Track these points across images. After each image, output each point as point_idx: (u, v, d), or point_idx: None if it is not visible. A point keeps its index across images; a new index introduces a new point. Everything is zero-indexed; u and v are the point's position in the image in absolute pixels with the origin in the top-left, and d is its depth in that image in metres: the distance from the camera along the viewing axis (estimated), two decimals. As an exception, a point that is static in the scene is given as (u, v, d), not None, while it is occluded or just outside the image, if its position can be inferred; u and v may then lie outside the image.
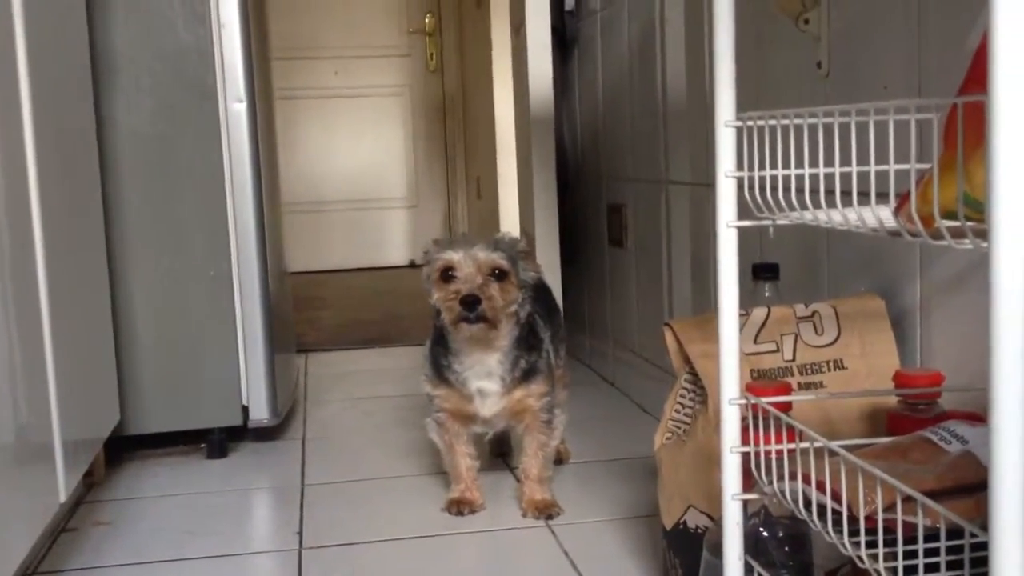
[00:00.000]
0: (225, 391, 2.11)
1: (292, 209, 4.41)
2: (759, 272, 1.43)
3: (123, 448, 2.10)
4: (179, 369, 2.10)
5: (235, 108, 2.06)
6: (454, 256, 1.58)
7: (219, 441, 2.11)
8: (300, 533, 1.67)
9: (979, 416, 1.02)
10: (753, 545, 1.08)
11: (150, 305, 2.08)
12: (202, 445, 2.13)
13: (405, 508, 1.76)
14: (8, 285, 1.31)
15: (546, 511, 1.68)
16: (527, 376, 1.67)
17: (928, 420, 1.07)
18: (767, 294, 1.42)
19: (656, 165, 2.22)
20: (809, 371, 1.27)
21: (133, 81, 2.04)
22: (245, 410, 2.12)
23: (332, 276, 5.06)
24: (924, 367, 1.25)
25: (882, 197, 0.88)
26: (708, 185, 1.95)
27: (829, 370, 1.27)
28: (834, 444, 0.90)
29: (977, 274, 1.17)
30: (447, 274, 1.59)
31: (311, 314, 3.93)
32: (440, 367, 1.69)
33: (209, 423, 2.11)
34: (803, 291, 1.51)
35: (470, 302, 1.55)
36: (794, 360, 1.28)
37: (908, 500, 0.85)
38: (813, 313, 1.30)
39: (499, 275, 1.59)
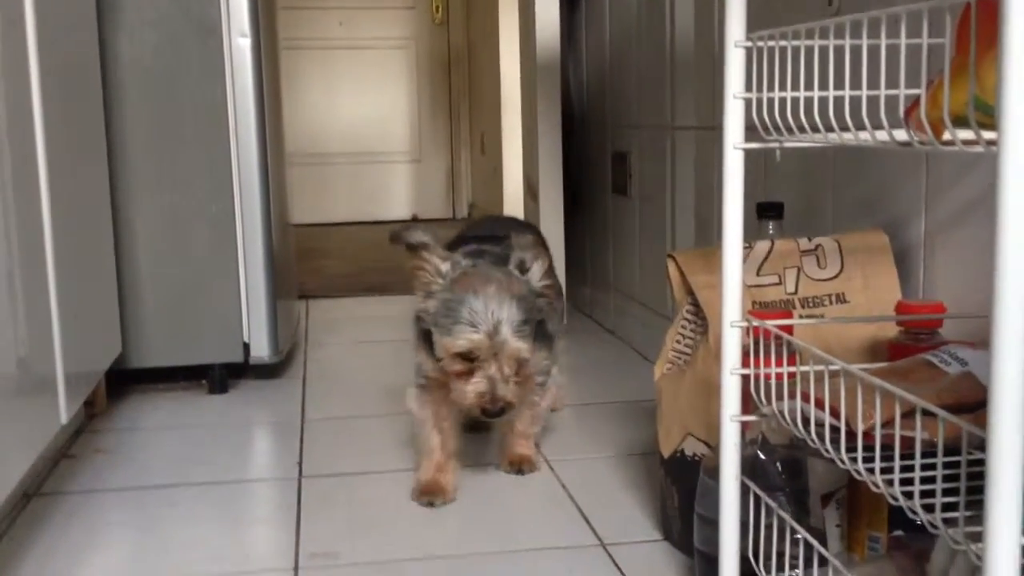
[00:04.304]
0: (226, 327, 2.11)
1: (295, 161, 4.39)
2: (763, 211, 1.43)
3: (125, 382, 2.11)
4: (181, 305, 2.10)
5: (239, 43, 2.05)
6: (475, 338, 1.37)
7: (220, 377, 2.12)
8: (300, 463, 1.68)
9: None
10: (750, 470, 1.09)
11: (153, 240, 2.08)
12: (203, 381, 2.14)
13: (405, 443, 1.77)
14: (12, 217, 1.31)
15: (518, 465, 1.61)
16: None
17: (929, 349, 1.07)
18: (771, 232, 1.42)
19: (662, 111, 2.21)
20: (811, 304, 1.27)
21: (137, 13, 2.02)
22: (246, 347, 2.13)
23: (335, 229, 5.05)
24: (926, 298, 1.25)
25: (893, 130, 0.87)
26: (714, 128, 1.95)
27: (831, 303, 1.27)
28: (835, 360, 0.90)
29: (981, 208, 1.17)
30: (466, 355, 1.39)
31: (314, 263, 3.94)
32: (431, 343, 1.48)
33: (210, 359, 2.11)
34: (807, 231, 1.51)
35: (495, 413, 1.40)
36: (796, 293, 1.28)
37: (907, 416, 0.85)
38: (816, 247, 1.30)
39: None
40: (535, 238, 1.52)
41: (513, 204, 4.08)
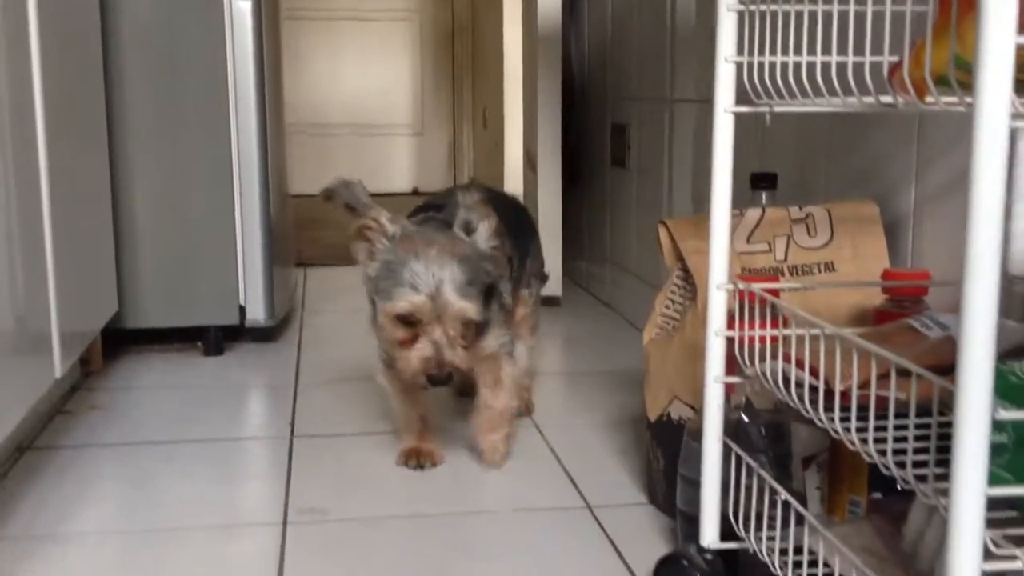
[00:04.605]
0: (223, 290, 2.13)
1: (297, 131, 4.38)
2: (757, 181, 1.43)
3: (122, 342, 2.12)
4: (178, 267, 2.11)
5: (240, 6, 2.05)
6: (416, 300, 1.30)
7: (216, 339, 2.13)
8: (292, 424, 1.70)
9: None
10: (733, 433, 1.10)
11: (151, 203, 2.09)
12: (199, 343, 2.16)
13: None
14: (11, 178, 1.32)
15: (491, 453, 1.51)
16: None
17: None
18: (764, 202, 1.42)
19: (662, 84, 2.21)
20: (800, 272, 1.28)
21: (138, -28, 2.02)
22: (242, 310, 2.14)
23: (335, 200, 5.05)
24: (915, 268, 1.26)
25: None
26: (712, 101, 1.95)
27: (820, 272, 1.28)
28: (818, 322, 0.91)
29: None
30: (406, 318, 1.32)
31: (313, 233, 3.93)
32: None
33: (206, 321, 2.13)
34: (800, 202, 1.52)
35: (441, 380, 1.33)
36: (786, 260, 1.29)
37: (885, 376, 0.86)
38: (807, 215, 1.31)
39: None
40: (481, 196, 1.41)
41: (514, 178, 4.08)
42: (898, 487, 0.82)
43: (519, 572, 1.19)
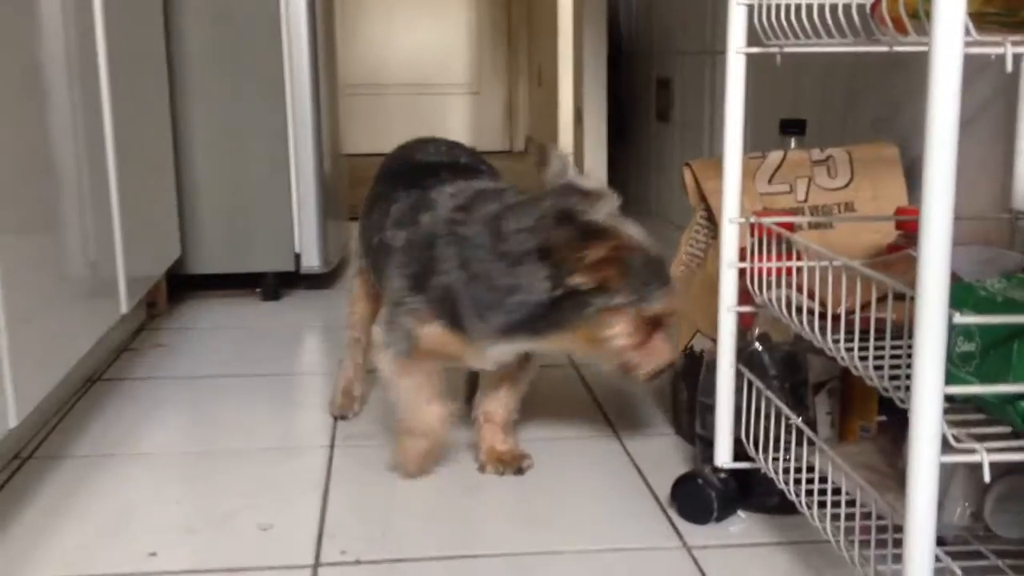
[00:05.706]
0: (279, 239, 2.24)
1: (352, 92, 4.47)
2: (786, 127, 1.48)
3: (185, 286, 2.25)
4: (237, 216, 2.22)
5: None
6: (671, 291, 1.21)
7: (273, 284, 2.24)
8: (342, 360, 1.79)
9: (967, 244, 1.08)
10: (748, 361, 1.16)
11: (210, 155, 2.20)
12: (257, 289, 2.27)
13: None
14: (79, 136, 1.43)
15: (513, 463, 1.34)
16: None
17: (921, 249, 1.13)
18: (793, 148, 1.47)
19: (703, 36, 2.25)
20: (820, 212, 1.33)
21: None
22: (297, 258, 2.25)
23: (392, 159, 5.14)
24: (927, 207, 1.30)
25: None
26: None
27: (839, 212, 1.33)
28: (821, 250, 0.97)
29: (983, 116, 1.21)
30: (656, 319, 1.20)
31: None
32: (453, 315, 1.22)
33: (264, 267, 2.24)
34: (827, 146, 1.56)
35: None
36: (806, 201, 1.34)
37: (881, 300, 0.92)
38: (828, 157, 1.35)
39: None
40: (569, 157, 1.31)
41: (567, 136, 4.14)
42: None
43: (549, 492, 1.27)
